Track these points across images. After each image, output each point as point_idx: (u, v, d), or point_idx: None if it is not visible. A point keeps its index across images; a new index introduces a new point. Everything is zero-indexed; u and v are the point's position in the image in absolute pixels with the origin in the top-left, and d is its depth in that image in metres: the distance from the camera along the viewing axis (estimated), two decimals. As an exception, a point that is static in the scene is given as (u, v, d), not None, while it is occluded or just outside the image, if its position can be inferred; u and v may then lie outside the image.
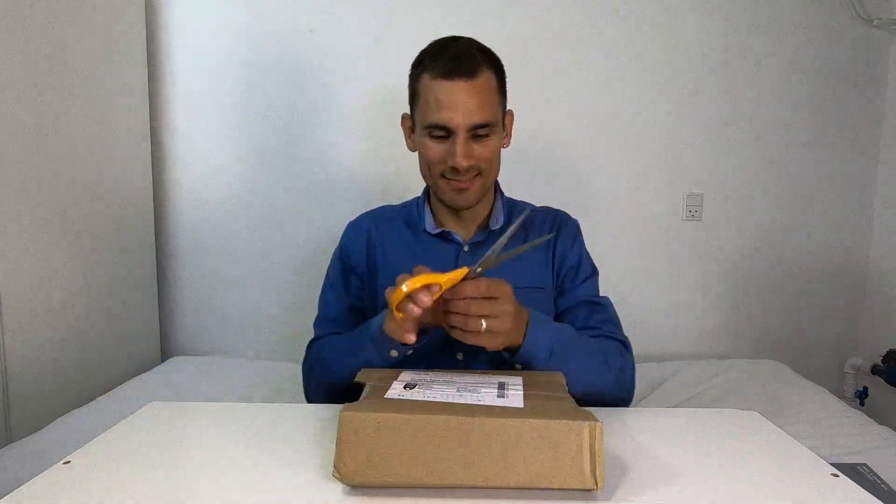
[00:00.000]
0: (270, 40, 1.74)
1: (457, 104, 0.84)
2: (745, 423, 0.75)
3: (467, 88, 0.84)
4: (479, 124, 0.85)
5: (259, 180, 1.79)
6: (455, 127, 0.85)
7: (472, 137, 0.86)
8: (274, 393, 1.51)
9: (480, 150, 0.87)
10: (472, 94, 0.84)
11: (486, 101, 0.85)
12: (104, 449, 0.64)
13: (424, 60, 0.89)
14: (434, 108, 0.85)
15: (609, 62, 1.78)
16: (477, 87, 0.84)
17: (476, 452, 0.52)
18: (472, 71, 0.84)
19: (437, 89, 0.84)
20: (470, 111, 0.84)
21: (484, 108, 0.85)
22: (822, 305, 1.91)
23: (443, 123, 0.85)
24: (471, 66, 0.84)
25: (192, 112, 1.76)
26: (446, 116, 0.84)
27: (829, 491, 0.57)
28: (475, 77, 0.84)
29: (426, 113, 0.87)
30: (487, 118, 0.85)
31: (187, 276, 1.81)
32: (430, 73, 0.86)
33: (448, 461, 0.52)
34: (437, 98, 0.85)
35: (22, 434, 1.17)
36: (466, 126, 0.85)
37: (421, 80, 0.88)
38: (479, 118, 0.85)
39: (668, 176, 1.84)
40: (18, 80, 1.19)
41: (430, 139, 0.88)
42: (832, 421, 1.31)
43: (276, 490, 0.56)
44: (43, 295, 1.27)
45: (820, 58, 1.81)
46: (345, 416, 0.53)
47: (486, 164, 0.89)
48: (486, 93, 0.85)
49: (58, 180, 1.32)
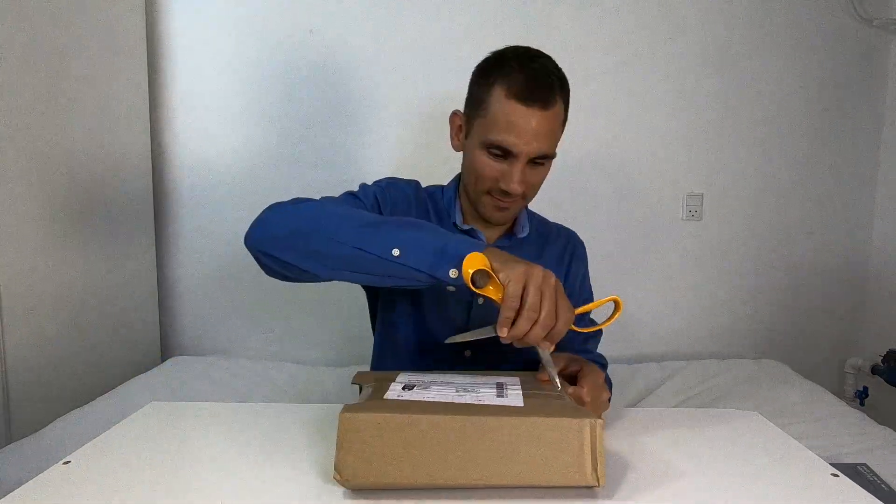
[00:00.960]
0: (270, 40, 1.74)
1: (526, 132, 0.81)
2: (745, 423, 0.75)
3: (540, 118, 0.81)
4: (543, 155, 0.84)
5: (259, 180, 1.79)
6: (518, 153, 0.82)
7: (530, 164, 0.85)
8: (274, 393, 1.51)
9: (533, 177, 0.86)
10: (544, 125, 0.82)
11: (554, 133, 0.84)
12: (104, 449, 0.64)
13: (501, 71, 0.84)
14: (502, 129, 0.82)
15: (609, 62, 1.78)
16: (549, 117, 0.82)
17: (477, 451, 0.52)
18: (548, 101, 0.82)
19: (511, 111, 0.81)
20: (537, 141, 0.82)
21: (550, 140, 0.84)
22: (822, 305, 1.91)
23: (507, 146, 0.82)
24: (549, 95, 0.82)
25: (192, 112, 1.76)
26: (513, 141, 0.82)
27: (829, 491, 0.57)
28: (550, 107, 0.82)
29: (491, 129, 0.83)
30: (550, 150, 0.84)
31: (187, 276, 1.81)
32: (506, 89, 0.82)
33: (449, 461, 0.52)
34: (507, 119, 0.81)
35: (22, 434, 1.17)
36: (529, 155, 0.83)
37: (492, 91, 0.83)
38: (543, 149, 0.83)
39: (668, 176, 1.84)
40: (19, 80, 1.19)
41: (488, 155, 0.85)
42: (832, 421, 1.31)
43: (276, 490, 0.56)
44: (43, 294, 1.27)
45: (820, 58, 1.81)
46: (344, 417, 0.53)
47: (532, 189, 0.89)
48: (555, 124, 0.84)
49: (58, 180, 1.32)
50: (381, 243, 0.67)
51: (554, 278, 0.64)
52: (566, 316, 0.63)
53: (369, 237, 0.68)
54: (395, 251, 0.66)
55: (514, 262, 0.64)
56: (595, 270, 1.08)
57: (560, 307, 0.62)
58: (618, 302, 0.72)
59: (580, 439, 0.52)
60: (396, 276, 0.67)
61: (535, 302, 0.61)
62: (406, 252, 0.66)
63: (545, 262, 0.97)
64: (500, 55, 0.86)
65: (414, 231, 0.68)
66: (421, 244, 0.66)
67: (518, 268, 0.62)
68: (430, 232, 0.69)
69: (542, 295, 0.61)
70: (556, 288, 0.63)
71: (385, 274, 0.68)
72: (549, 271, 0.64)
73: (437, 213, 0.98)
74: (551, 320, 0.61)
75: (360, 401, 0.60)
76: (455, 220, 0.95)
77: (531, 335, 0.61)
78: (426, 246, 0.66)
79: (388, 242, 0.67)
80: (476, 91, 0.87)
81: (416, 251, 0.66)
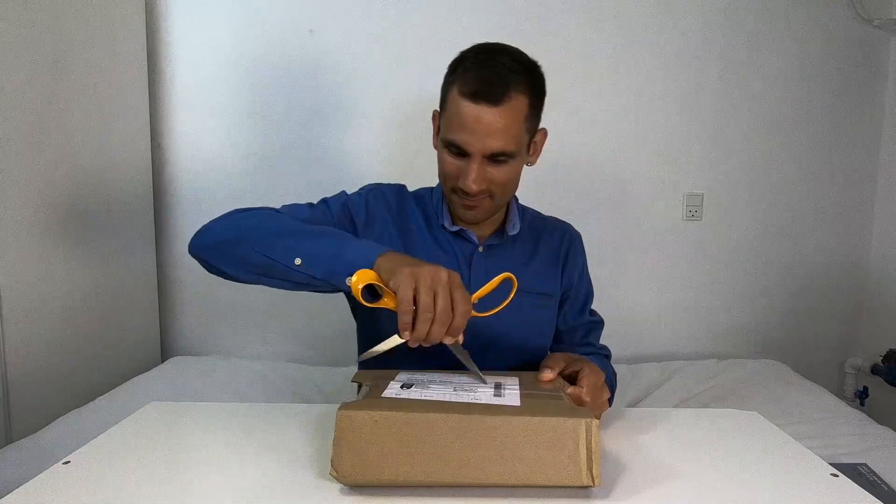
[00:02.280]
0: (270, 41, 1.74)
1: (476, 130, 0.80)
2: (745, 423, 0.75)
3: (491, 115, 0.79)
4: (497, 153, 0.82)
5: (259, 180, 1.79)
6: (471, 152, 0.82)
7: (489, 161, 0.83)
8: (274, 393, 1.51)
9: (495, 174, 0.84)
10: (495, 122, 0.80)
11: (509, 130, 0.81)
12: (104, 449, 0.64)
13: (458, 69, 0.83)
14: (454, 127, 0.82)
15: (609, 63, 1.78)
16: (501, 114, 0.79)
17: (474, 450, 0.52)
18: (499, 97, 0.79)
19: (460, 109, 0.81)
20: (489, 139, 0.80)
21: (505, 137, 0.81)
22: (822, 305, 1.91)
23: (460, 144, 0.82)
24: (500, 91, 0.79)
25: (192, 112, 1.76)
26: (464, 139, 0.81)
27: (828, 491, 0.57)
28: (501, 104, 0.79)
29: (448, 127, 0.83)
30: (506, 147, 0.81)
31: (187, 276, 1.81)
32: (459, 87, 0.81)
33: (446, 459, 0.52)
34: (458, 117, 0.81)
35: (22, 434, 1.17)
36: (482, 152, 0.81)
37: (451, 89, 0.83)
38: (497, 147, 0.81)
39: (668, 176, 1.84)
40: (19, 80, 1.19)
41: (447, 153, 0.85)
42: (832, 421, 1.31)
43: (276, 490, 0.56)
44: (43, 295, 1.27)
45: (820, 57, 1.81)
46: (342, 414, 0.53)
47: (498, 187, 0.86)
48: (511, 120, 0.81)
49: (58, 181, 1.32)
50: (286, 253, 0.71)
51: (445, 272, 0.63)
52: (463, 308, 0.62)
53: (278, 247, 0.72)
54: (297, 260, 0.70)
55: (402, 266, 0.64)
56: (595, 270, 1.08)
57: (456, 300, 0.62)
58: (513, 279, 0.73)
59: (576, 439, 0.52)
60: (302, 283, 0.71)
61: (426, 302, 0.60)
62: (306, 261, 0.69)
63: (540, 257, 0.97)
64: (463, 53, 0.86)
65: (317, 240, 0.72)
66: (320, 253, 0.70)
67: (404, 271, 0.62)
68: (332, 240, 0.71)
69: (435, 293, 0.61)
70: (449, 282, 0.63)
71: (293, 281, 0.72)
72: (439, 267, 0.64)
73: (426, 215, 0.97)
74: (447, 316, 0.61)
75: (358, 399, 0.60)
76: (443, 223, 0.94)
77: (432, 334, 0.61)
78: (324, 255, 0.69)
79: (292, 252, 0.70)
80: (442, 89, 0.87)
81: (315, 260, 0.69)
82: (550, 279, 0.97)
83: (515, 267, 0.93)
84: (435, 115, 0.93)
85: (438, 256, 0.93)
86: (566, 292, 1.00)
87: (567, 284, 1.00)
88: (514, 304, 0.92)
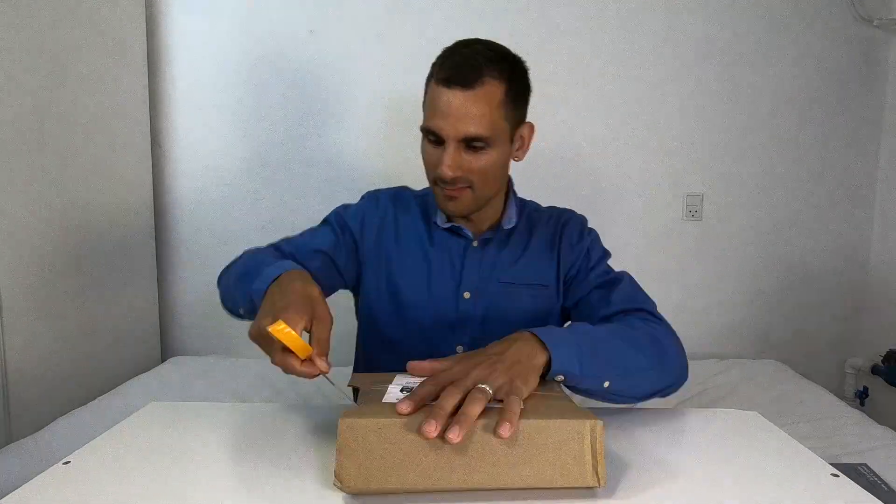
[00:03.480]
0: (270, 41, 1.74)
1: (449, 113, 0.81)
2: (745, 423, 0.75)
3: (463, 98, 0.80)
4: (471, 137, 0.82)
5: (259, 180, 1.79)
6: (445, 136, 0.83)
7: (466, 148, 0.83)
8: (274, 393, 1.51)
9: (472, 162, 0.84)
10: (467, 105, 0.81)
11: (483, 114, 0.81)
12: (104, 449, 0.64)
13: (436, 62, 0.86)
14: (430, 113, 0.84)
15: (609, 63, 1.78)
16: (474, 98, 0.81)
17: (477, 455, 0.52)
18: (471, 81, 0.80)
19: (435, 95, 0.83)
20: (462, 122, 0.81)
21: (479, 121, 0.81)
22: (822, 305, 1.91)
23: (434, 130, 0.83)
24: (471, 75, 0.81)
25: (192, 112, 1.76)
26: (437, 124, 0.82)
27: (829, 491, 0.57)
28: (473, 87, 0.80)
29: (425, 116, 0.86)
30: (481, 132, 0.82)
31: (187, 276, 1.81)
32: (435, 76, 0.84)
33: (451, 465, 0.52)
34: (433, 104, 0.83)
35: (22, 434, 1.17)
36: (456, 137, 0.82)
37: (429, 81, 0.86)
38: (471, 131, 0.81)
39: (668, 176, 1.84)
40: (19, 81, 1.19)
41: (427, 143, 0.87)
42: (832, 421, 1.31)
43: (276, 490, 0.56)
44: (43, 295, 1.27)
45: (820, 58, 1.81)
46: (344, 422, 0.52)
47: (477, 177, 0.85)
48: (484, 105, 0.81)
49: (58, 181, 1.32)
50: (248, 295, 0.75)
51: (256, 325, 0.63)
52: None
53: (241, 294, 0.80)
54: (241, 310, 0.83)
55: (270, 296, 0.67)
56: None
57: None
58: None
59: (580, 441, 0.52)
60: None
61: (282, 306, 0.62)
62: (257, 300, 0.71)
63: (533, 248, 0.97)
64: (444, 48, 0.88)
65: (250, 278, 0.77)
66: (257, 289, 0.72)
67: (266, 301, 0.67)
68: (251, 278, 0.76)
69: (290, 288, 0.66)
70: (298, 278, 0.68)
71: None
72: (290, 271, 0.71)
73: (424, 213, 0.99)
74: None
75: (359, 403, 0.60)
76: (436, 220, 0.96)
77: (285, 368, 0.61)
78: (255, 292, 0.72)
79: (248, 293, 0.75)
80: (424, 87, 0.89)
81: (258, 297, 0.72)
82: (544, 269, 0.96)
83: (509, 260, 0.95)
84: None
85: (430, 253, 0.96)
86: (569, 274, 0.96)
87: (566, 267, 0.96)
88: (511, 299, 0.93)
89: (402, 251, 0.97)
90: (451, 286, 0.94)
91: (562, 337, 0.67)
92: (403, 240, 0.97)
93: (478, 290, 0.94)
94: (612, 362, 0.71)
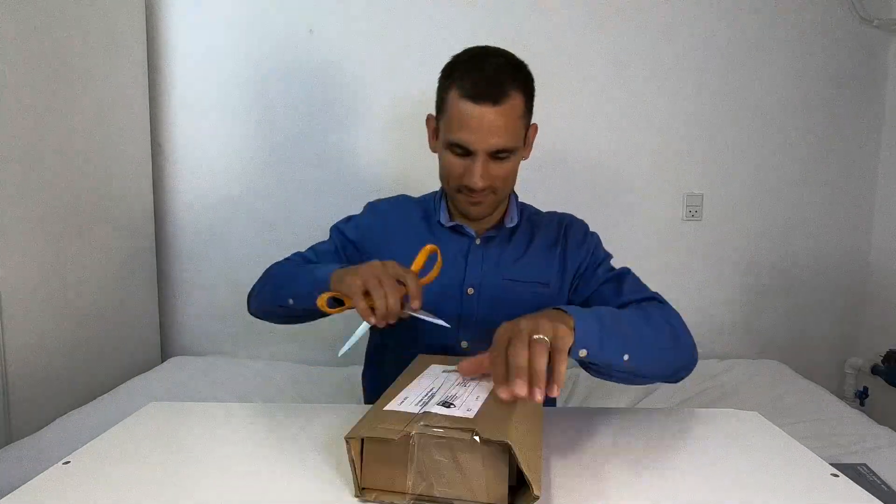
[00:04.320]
0: (271, 40, 1.74)
1: (480, 128, 0.84)
2: (745, 423, 0.75)
3: (493, 114, 0.84)
4: (501, 149, 0.86)
5: (259, 180, 1.79)
6: (475, 150, 0.86)
7: (493, 159, 0.87)
8: (274, 393, 1.51)
9: (497, 171, 0.88)
10: (497, 120, 0.84)
11: (509, 127, 0.85)
12: (104, 449, 0.64)
13: (455, 73, 0.88)
14: (457, 128, 0.86)
15: (609, 63, 1.78)
16: (502, 112, 0.84)
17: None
18: (499, 96, 0.83)
19: (462, 110, 0.85)
20: (492, 137, 0.84)
21: (507, 134, 0.85)
22: (822, 305, 1.91)
23: (464, 144, 0.86)
24: (499, 91, 0.84)
25: (192, 112, 1.76)
26: (468, 139, 0.85)
27: (829, 491, 0.57)
28: (501, 103, 0.84)
29: (449, 129, 0.87)
30: (509, 144, 0.86)
31: (187, 276, 1.81)
32: (458, 89, 0.85)
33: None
34: (461, 118, 0.85)
35: (22, 434, 1.17)
36: (487, 150, 0.86)
37: (449, 93, 0.87)
38: (500, 144, 0.85)
39: (668, 176, 1.84)
40: (19, 80, 1.19)
41: (451, 154, 0.89)
42: (832, 421, 1.31)
43: (276, 490, 0.56)
44: (43, 295, 1.27)
45: (820, 58, 1.81)
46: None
47: (500, 182, 0.90)
48: (510, 118, 0.85)
49: (58, 180, 1.32)
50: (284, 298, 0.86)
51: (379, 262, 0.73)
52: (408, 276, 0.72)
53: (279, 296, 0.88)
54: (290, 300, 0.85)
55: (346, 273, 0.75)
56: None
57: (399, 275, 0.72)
58: (437, 251, 0.80)
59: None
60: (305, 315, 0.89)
61: (373, 286, 0.70)
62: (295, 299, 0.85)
63: (535, 247, 0.99)
64: (456, 57, 0.91)
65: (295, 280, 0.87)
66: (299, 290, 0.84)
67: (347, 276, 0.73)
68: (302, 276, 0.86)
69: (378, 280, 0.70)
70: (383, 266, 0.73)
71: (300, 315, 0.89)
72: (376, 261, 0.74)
73: (426, 215, 1.03)
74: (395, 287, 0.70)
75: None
76: (440, 219, 1.00)
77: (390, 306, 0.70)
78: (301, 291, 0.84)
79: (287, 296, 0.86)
80: (439, 94, 0.92)
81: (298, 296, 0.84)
82: (546, 267, 0.98)
83: (511, 257, 0.98)
84: (430, 118, 0.98)
85: None
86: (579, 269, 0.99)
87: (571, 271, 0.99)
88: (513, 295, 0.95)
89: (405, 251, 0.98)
90: (455, 282, 0.96)
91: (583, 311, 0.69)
92: (406, 240, 1.00)
93: (481, 285, 0.96)
94: (631, 337, 0.72)
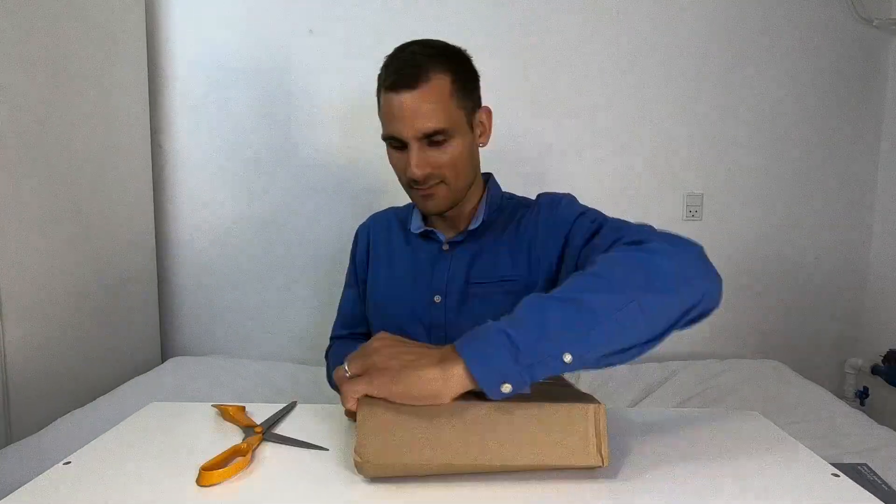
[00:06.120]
0: (270, 41, 1.75)
1: (403, 116, 0.83)
2: (745, 423, 0.75)
3: (412, 98, 0.82)
4: (430, 132, 0.83)
5: (259, 181, 1.79)
6: (405, 138, 0.84)
7: (429, 145, 0.85)
8: (274, 393, 1.51)
9: (439, 157, 0.86)
10: (418, 103, 0.82)
11: (436, 108, 0.83)
12: (104, 449, 0.64)
13: (380, 72, 0.89)
14: (387, 121, 0.86)
15: (608, 63, 1.78)
16: (423, 95, 0.83)
17: (493, 435, 0.56)
18: (416, 79, 0.82)
19: (387, 102, 0.85)
20: (417, 121, 0.83)
21: (434, 116, 0.83)
22: (822, 305, 1.91)
23: (395, 135, 0.85)
24: (415, 74, 0.83)
25: (192, 112, 1.76)
26: (395, 129, 0.85)
27: (829, 491, 0.57)
28: (420, 85, 0.82)
29: (382, 125, 0.88)
30: (438, 125, 0.83)
31: (187, 277, 1.81)
32: (383, 84, 0.86)
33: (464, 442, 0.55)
34: (388, 111, 0.85)
35: (22, 434, 1.17)
36: (416, 136, 0.84)
37: (379, 91, 0.89)
38: (429, 127, 0.83)
39: (668, 176, 1.84)
40: (19, 80, 1.19)
41: (392, 149, 0.89)
42: (832, 421, 1.31)
43: (276, 491, 0.56)
44: (43, 295, 1.27)
45: (820, 58, 1.81)
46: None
47: (447, 170, 0.87)
48: (435, 99, 0.83)
49: (58, 180, 1.32)
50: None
51: None
52: None
53: None
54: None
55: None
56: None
57: None
58: None
59: (585, 423, 0.56)
60: None
61: None
62: None
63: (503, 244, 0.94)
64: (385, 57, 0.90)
65: None
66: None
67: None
68: None
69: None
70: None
71: None
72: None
73: (403, 224, 1.03)
74: None
75: None
76: (410, 227, 1.00)
77: None
78: None
79: None
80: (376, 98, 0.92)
81: None
82: (513, 263, 0.93)
83: (479, 260, 0.94)
84: None
85: (409, 260, 1.00)
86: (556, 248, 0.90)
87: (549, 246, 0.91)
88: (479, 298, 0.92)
89: (383, 263, 1.03)
90: (425, 291, 0.96)
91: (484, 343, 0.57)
92: (385, 252, 1.02)
93: (447, 293, 0.94)
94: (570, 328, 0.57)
